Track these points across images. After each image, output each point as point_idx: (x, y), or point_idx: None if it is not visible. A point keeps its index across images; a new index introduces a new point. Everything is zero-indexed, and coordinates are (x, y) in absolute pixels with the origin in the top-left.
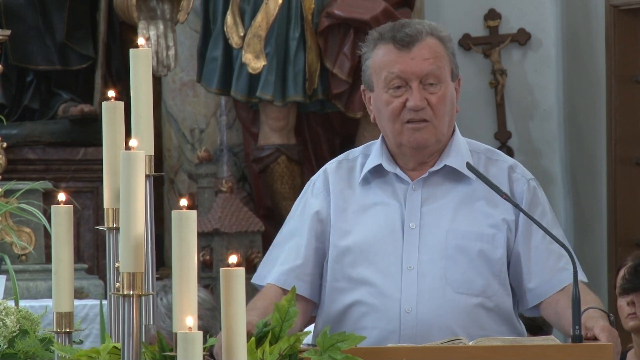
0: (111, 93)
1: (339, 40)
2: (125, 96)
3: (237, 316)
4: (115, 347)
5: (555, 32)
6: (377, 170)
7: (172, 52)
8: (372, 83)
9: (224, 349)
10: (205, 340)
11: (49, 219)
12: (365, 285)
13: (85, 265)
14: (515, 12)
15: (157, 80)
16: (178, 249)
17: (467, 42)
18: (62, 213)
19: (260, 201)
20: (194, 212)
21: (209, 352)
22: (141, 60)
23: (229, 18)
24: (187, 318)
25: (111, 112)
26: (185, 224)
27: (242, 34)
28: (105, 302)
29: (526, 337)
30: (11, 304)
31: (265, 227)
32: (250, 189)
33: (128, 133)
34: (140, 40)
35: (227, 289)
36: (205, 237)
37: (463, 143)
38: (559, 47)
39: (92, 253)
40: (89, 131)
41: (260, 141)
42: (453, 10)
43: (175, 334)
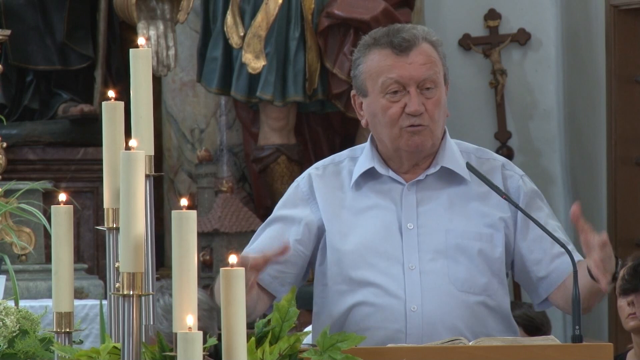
0: (111, 93)
1: (339, 40)
2: (125, 96)
3: (237, 316)
4: (115, 347)
5: (555, 32)
6: (368, 174)
7: (172, 52)
8: (365, 88)
9: (224, 349)
10: (205, 340)
11: (49, 219)
12: (367, 286)
13: (85, 265)
14: (515, 12)
15: (157, 80)
16: (178, 249)
17: (467, 42)
18: (62, 213)
19: (260, 201)
20: (194, 212)
21: (208, 351)
22: (141, 60)
23: (229, 18)
24: (187, 318)
25: (111, 112)
26: (185, 224)
27: (242, 34)
28: (105, 302)
29: (526, 337)
30: (11, 304)
31: None
32: (250, 189)
33: (128, 133)
34: (140, 40)
35: (227, 289)
36: (205, 237)
37: (453, 144)
38: (559, 47)
39: (92, 253)
40: (89, 131)
41: (260, 141)
42: (453, 10)
43: (175, 334)
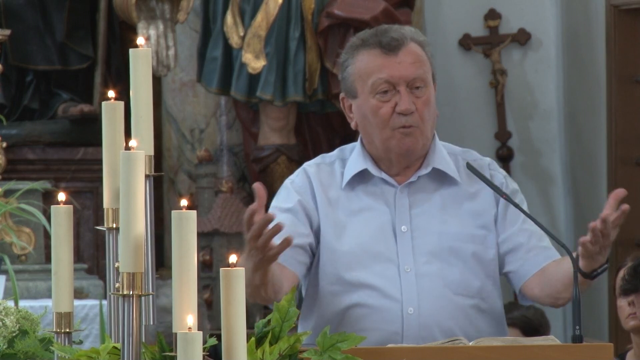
0: (111, 93)
1: (339, 40)
2: (125, 96)
3: (237, 316)
4: (115, 347)
5: (555, 32)
6: (360, 176)
7: (172, 52)
8: (355, 90)
9: (224, 349)
10: (205, 340)
11: (48, 219)
12: (363, 288)
13: (85, 265)
14: (515, 12)
15: (157, 80)
16: (178, 249)
17: (467, 42)
18: (62, 213)
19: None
20: (194, 212)
21: (208, 351)
22: (141, 60)
23: (229, 18)
24: (187, 318)
25: (111, 112)
26: (185, 224)
27: (242, 34)
28: (105, 302)
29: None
30: (11, 304)
31: None
32: (250, 189)
33: (128, 133)
34: (140, 40)
35: (227, 289)
36: (205, 237)
37: (441, 146)
38: (559, 47)
39: (92, 253)
40: (88, 131)
41: (260, 141)
42: (453, 10)
43: (175, 334)
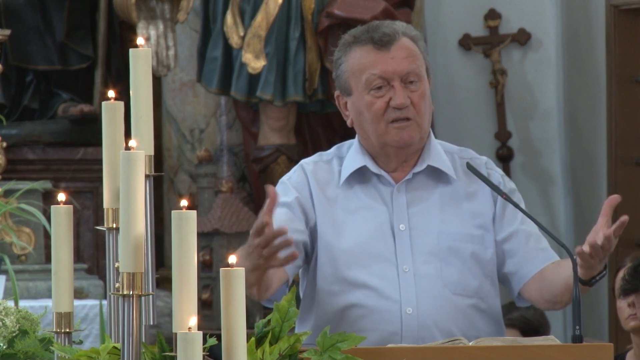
0: (111, 93)
1: (338, 41)
2: (125, 96)
3: (237, 316)
4: (115, 347)
5: (555, 32)
6: (358, 173)
7: (172, 52)
8: (349, 87)
9: (224, 349)
10: (205, 340)
11: (48, 219)
12: (361, 287)
13: (85, 265)
14: (515, 12)
15: (157, 80)
16: (178, 249)
17: (467, 42)
18: (62, 213)
19: (260, 201)
20: (194, 212)
21: (208, 352)
22: (141, 60)
23: (229, 18)
24: (187, 318)
25: (111, 112)
26: (185, 224)
27: (242, 34)
28: (105, 302)
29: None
30: (11, 304)
31: None
32: (250, 189)
33: (128, 133)
34: (140, 40)
35: (227, 289)
36: (205, 237)
37: (437, 144)
38: (559, 47)
39: (92, 253)
40: (88, 131)
41: (260, 141)
42: (453, 10)
43: (175, 334)
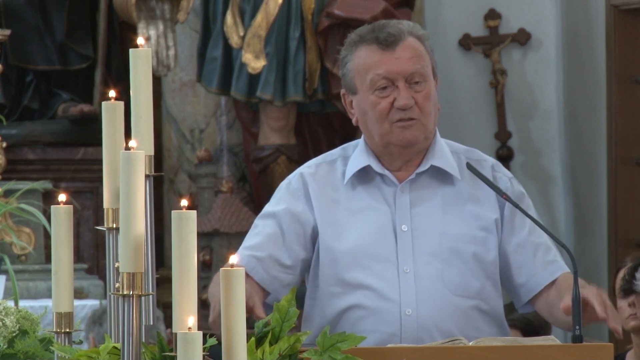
0: (112, 93)
1: (338, 40)
2: (125, 96)
3: (237, 316)
4: (115, 347)
5: (555, 32)
6: (362, 173)
7: (172, 52)
8: (354, 86)
9: (224, 349)
10: (205, 340)
11: (48, 219)
12: (361, 289)
13: (85, 265)
14: (515, 12)
15: (157, 80)
16: (178, 249)
17: (467, 42)
18: (62, 213)
19: (260, 201)
20: (194, 212)
21: (208, 351)
22: (141, 60)
23: (228, 18)
24: (187, 318)
25: (111, 112)
26: (185, 224)
27: (242, 34)
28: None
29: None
30: (11, 304)
31: None
32: (250, 189)
33: (128, 133)
34: (140, 40)
35: (227, 289)
36: (205, 237)
37: (443, 143)
38: (559, 47)
39: (92, 253)
40: (88, 131)
41: (260, 141)
42: (453, 10)
43: (175, 334)
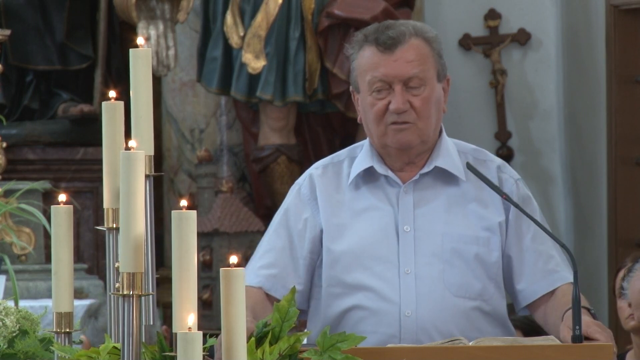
0: (112, 93)
1: (338, 40)
2: (125, 96)
3: (237, 316)
4: (115, 347)
5: (555, 32)
6: (367, 174)
7: (172, 52)
8: (358, 85)
9: (224, 349)
10: (205, 340)
11: (48, 219)
12: (362, 290)
13: (85, 265)
14: (515, 12)
15: (157, 80)
16: (178, 249)
17: (467, 42)
18: (62, 213)
19: (260, 201)
20: (193, 212)
21: (208, 352)
22: (141, 60)
23: (228, 18)
24: (187, 318)
25: (111, 112)
26: (185, 224)
27: (242, 34)
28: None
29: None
30: (11, 304)
31: (265, 227)
32: (250, 189)
33: (128, 133)
34: (140, 40)
35: (227, 289)
36: (205, 237)
37: (450, 144)
38: (559, 47)
39: (92, 253)
40: (88, 131)
41: (260, 141)
42: (453, 10)
43: (175, 334)
